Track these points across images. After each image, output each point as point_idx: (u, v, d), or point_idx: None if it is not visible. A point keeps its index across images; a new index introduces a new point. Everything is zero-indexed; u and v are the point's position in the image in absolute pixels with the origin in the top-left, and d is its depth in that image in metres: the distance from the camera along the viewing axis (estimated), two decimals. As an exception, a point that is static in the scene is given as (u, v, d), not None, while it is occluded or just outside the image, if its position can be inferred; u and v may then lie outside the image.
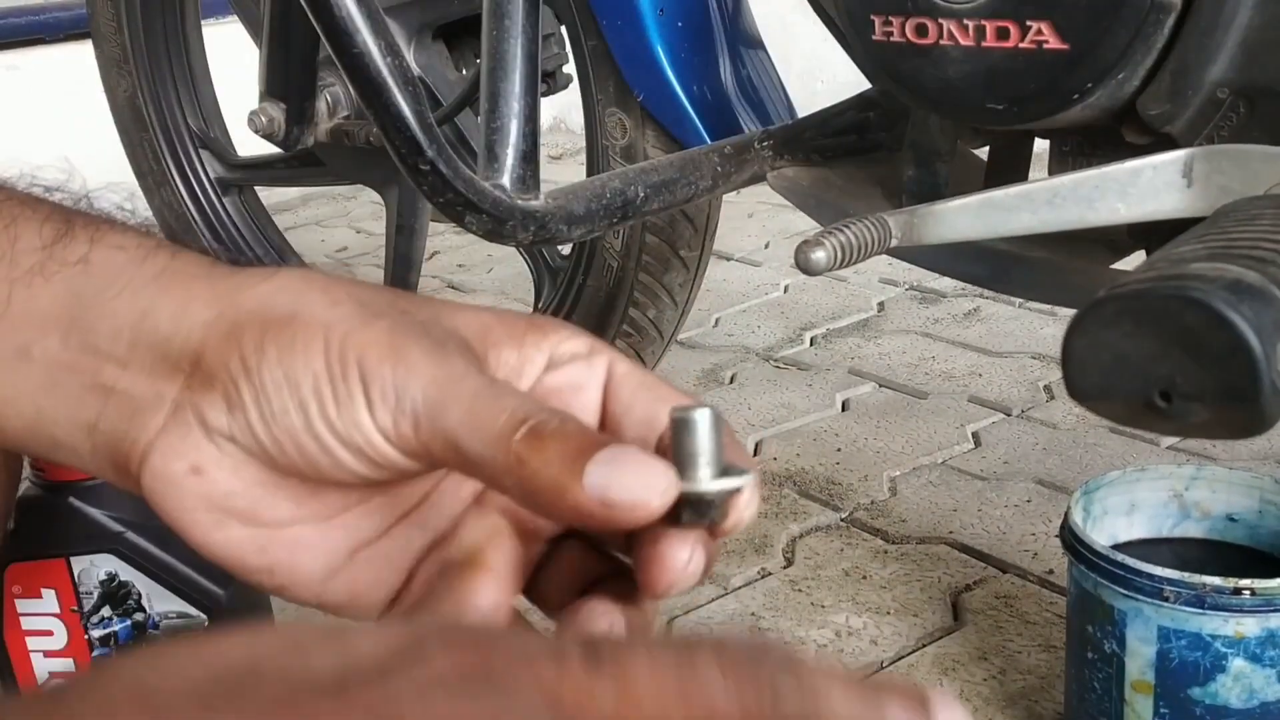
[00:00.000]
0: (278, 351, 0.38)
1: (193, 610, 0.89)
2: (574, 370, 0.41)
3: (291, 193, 2.71)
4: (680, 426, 0.36)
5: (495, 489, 0.37)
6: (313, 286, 0.40)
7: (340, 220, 2.65)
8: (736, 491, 0.37)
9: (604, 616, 0.38)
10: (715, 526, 0.37)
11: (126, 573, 0.88)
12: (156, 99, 1.65)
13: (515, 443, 0.35)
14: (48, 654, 0.90)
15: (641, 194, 1.01)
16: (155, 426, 0.40)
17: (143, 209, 1.67)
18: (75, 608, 0.88)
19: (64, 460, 0.43)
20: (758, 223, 2.41)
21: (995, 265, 0.94)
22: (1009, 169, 0.97)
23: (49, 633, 0.89)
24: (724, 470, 0.36)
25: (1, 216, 0.42)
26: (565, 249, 1.45)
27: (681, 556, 0.36)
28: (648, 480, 0.35)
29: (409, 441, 0.37)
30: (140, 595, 0.88)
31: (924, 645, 1.08)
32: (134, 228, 0.43)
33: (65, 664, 0.90)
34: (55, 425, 0.41)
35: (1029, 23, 0.76)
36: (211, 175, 1.67)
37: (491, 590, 0.38)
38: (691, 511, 0.35)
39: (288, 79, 1.36)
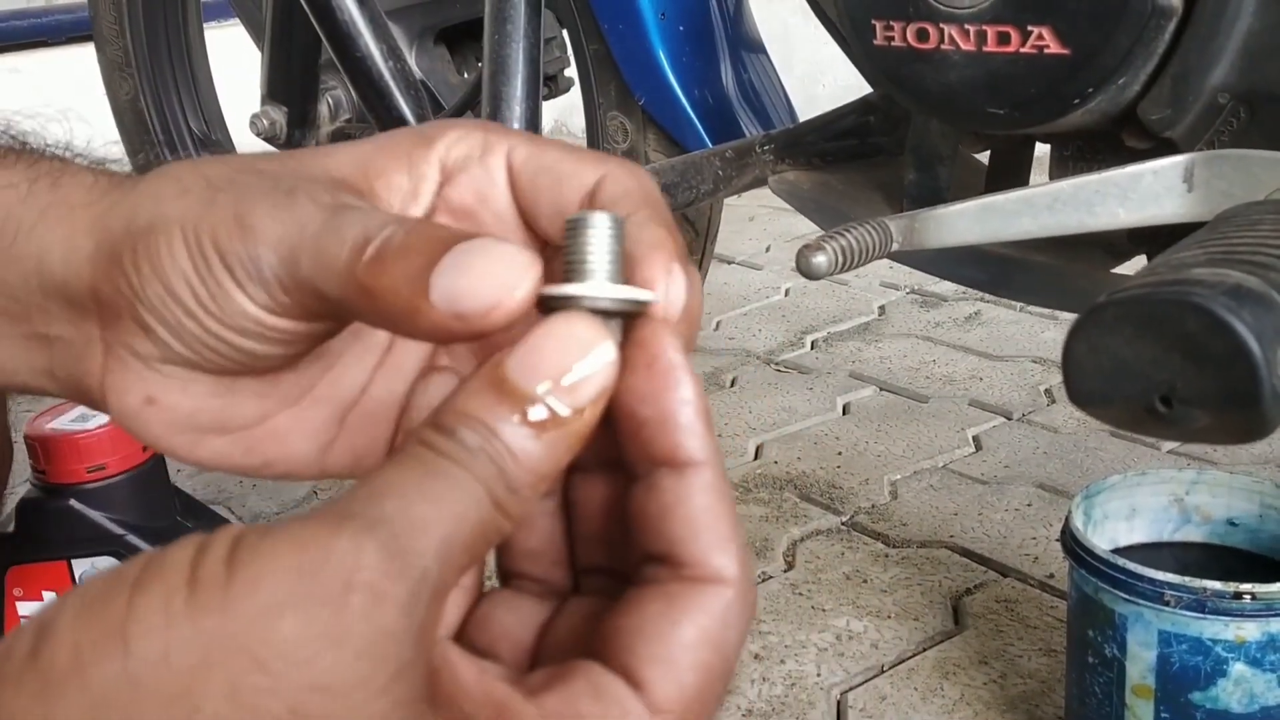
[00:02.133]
0: (149, 265, 0.36)
1: (194, 613, 0.89)
2: (472, 176, 0.37)
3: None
4: (572, 230, 0.32)
5: (370, 325, 0.35)
6: (167, 180, 0.37)
7: (341, 223, 2.65)
8: (639, 305, 0.32)
9: None
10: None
11: (127, 575, 0.88)
12: (158, 102, 1.65)
13: (359, 274, 0.32)
14: (49, 656, 0.90)
15: (643, 197, 1.01)
16: (98, 368, 0.39)
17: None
18: (76, 610, 0.88)
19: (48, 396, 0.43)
20: (759, 226, 2.42)
21: (996, 270, 0.94)
22: (1010, 173, 0.97)
23: (50, 635, 0.89)
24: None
25: None
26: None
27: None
28: (498, 274, 0.30)
29: (288, 306, 0.35)
30: (141, 598, 0.88)
31: (925, 649, 1.08)
32: (26, 155, 0.40)
33: (66, 666, 0.90)
34: (17, 374, 0.40)
35: (1030, 28, 0.76)
36: (213, 178, 1.67)
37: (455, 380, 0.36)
38: None
39: (289, 82, 1.37)
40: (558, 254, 0.33)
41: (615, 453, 0.33)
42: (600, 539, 0.35)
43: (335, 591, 0.26)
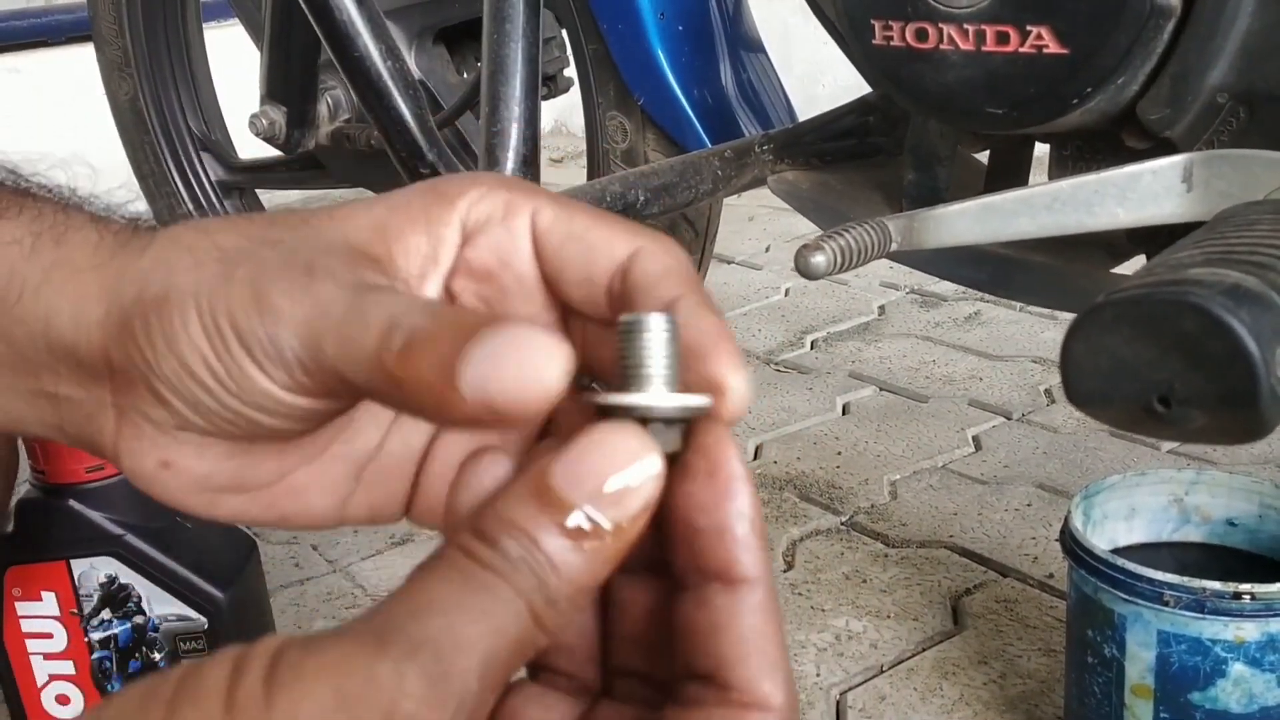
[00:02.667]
0: (164, 340, 0.35)
1: (192, 613, 0.89)
2: (493, 238, 0.36)
3: (292, 195, 2.71)
4: (627, 334, 0.31)
5: (398, 412, 0.34)
6: (179, 249, 0.36)
7: (341, 223, 2.65)
8: (693, 411, 0.31)
9: None
10: (677, 458, 0.31)
11: (126, 575, 0.88)
12: (158, 101, 1.65)
13: (387, 364, 0.31)
14: (47, 656, 0.90)
15: (642, 197, 1.01)
16: (111, 429, 0.38)
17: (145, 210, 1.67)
18: (75, 610, 0.88)
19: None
20: (758, 226, 2.42)
21: (995, 269, 0.94)
22: (1009, 173, 0.97)
23: (49, 635, 0.89)
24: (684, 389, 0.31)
25: None
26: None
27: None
28: (529, 365, 0.29)
29: (309, 387, 0.34)
30: (140, 598, 0.88)
31: (924, 649, 1.08)
32: (30, 205, 0.40)
33: (65, 666, 0.90)
34: (28, 425, 0.40)
35: (1029, 27, 0.76)
36: (213, 178, 1.68)
37: (504, 462, 0.35)
38: None
39: (289, 82, 1.37)
40: (587, 342, 0.32)
41: (661, 555, 0.32)
42: (639, 643, 0.34)
43: None
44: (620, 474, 0.29)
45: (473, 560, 0.29)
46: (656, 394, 0.31)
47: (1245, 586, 0.78)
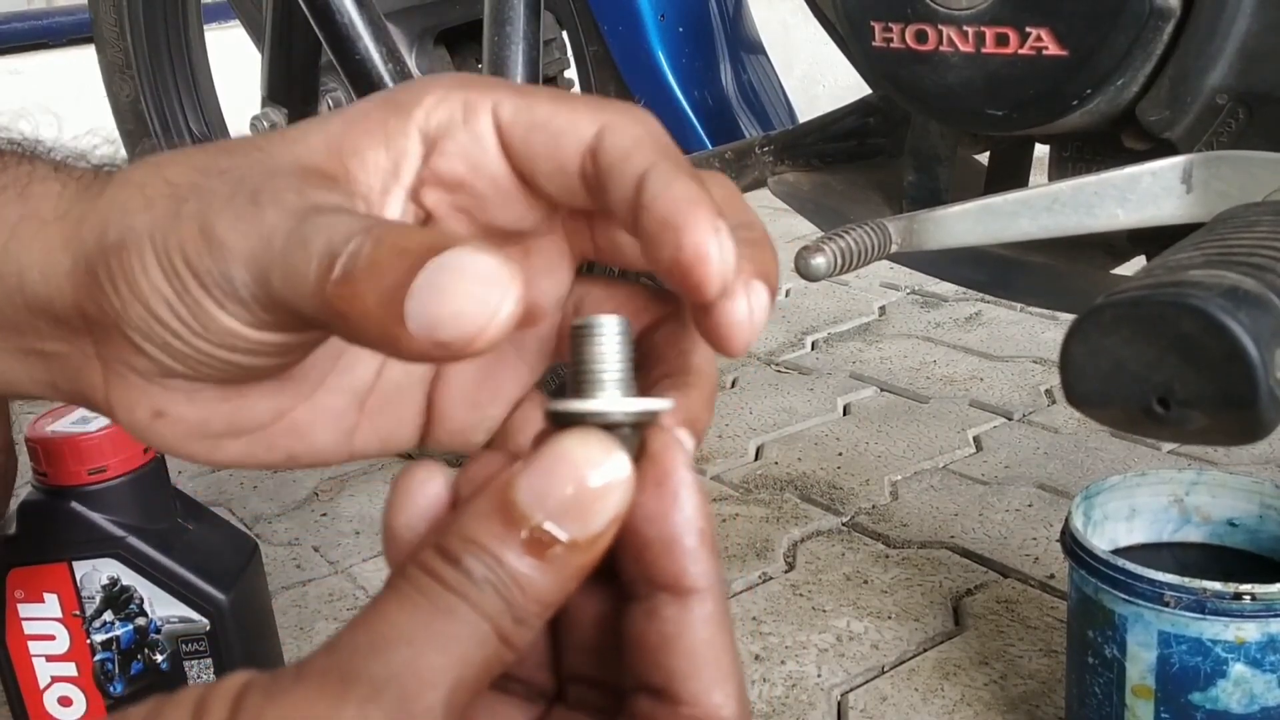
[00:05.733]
0: (127, 285, 0.33)
1: (194, 615, 0.89)
2: (458, 142, 0.34)
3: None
4: (580, 338, 0.30)
5: (353, 344, 0.32)
6: (131, 189, 0.34)
7: (342, 224, 2.65)
8: (652, 416, 0.30)
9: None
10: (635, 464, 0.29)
11: (128, 577, 0.88)
12: (159, 103, 1.66)
13: (329, 295, 0.29)
14: (49, 658, 0.90)
15: (642, 199, 1.01)
16: (100, 383, 0.37)
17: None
18: (77, 612, 0.89)
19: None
20: (759, 227, 2.42)
21: (995, 270, 0.94)
22: (1009, 174, 0.97)
23: (51, 637, 0.90)
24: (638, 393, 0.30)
25: None
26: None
27: (737, 311, 0.30)
28: (477, 297, 0.27)
29: (270, 322, 0.32)
30: (142, 599, 0.88)
31: (925, 650, 1.08)
32: None
33: (67, 668, 0.90)
34: (22, 385, 0.39)
35: (1028, 29, 0.76)
36: (214, 180, 1.68)
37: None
38: None
39: (290, 84, 1.37)
40: (578, 240, 0.30)
41: (609, 564, 0.31)
42: (590, 650, 0.33)
43: None
44: (586, 485, 0.28)
45: (436, 581, 0.28)
46: (610, 399, 0.30)
47: (1246, 587, 0.78)
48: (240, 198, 0.32)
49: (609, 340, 0.30)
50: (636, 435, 0.30)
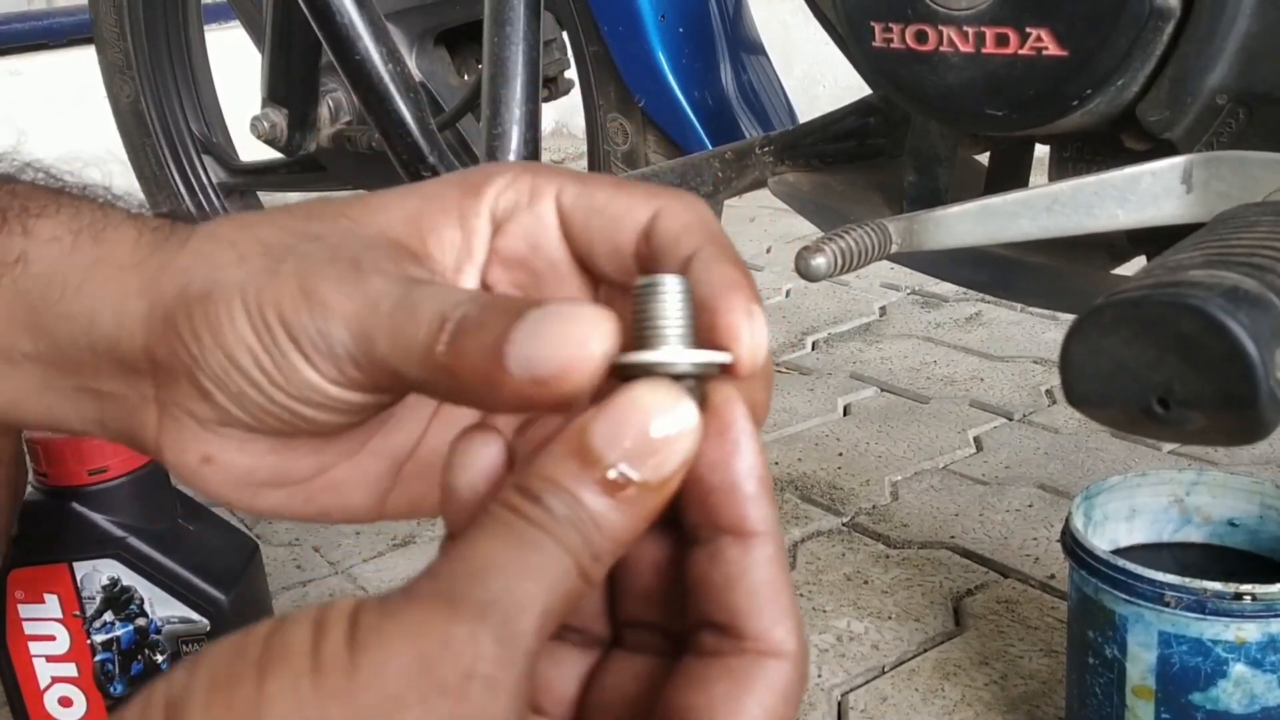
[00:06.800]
0: (210, 334, 0.35)
1: (195, 615, 0.89)
2: (522, 224, 0.37)
3: (293, 198, 2.72)
4: (643, 295, 0.31)
5: (449, 403, 0.35)
6: (220, 244, 0.37)
7: (343, 225, 2.65)
8: (715, 367, 0.32)
9: None
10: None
11: (129, 578, 0.88)
12: (159, 104, 1.66)
13: (439, 355, 0.32)
14: (50, 659, 0.90)
15: (642, 199, 1.01)
16: (153, 425, 0.39)
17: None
18: (78, 612, 0.89)
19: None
20: (759, 227, 2.42)
21: (996, 271, 0.94)
22: (1009, 175, 0.97)
23: (51, 637, 0.90)
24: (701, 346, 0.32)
25: None
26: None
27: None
28: (572, 334, 0.30)
29: (359, 381, 0.35)
30: (142, 600, 0.88)
31: (925, 650, 1.08)
32: (67, 203, 0.40)
33: (68, 668, 0.90)
34: (67, 421, 0.41)
35: (1028, 29, 0.76)
36: (214, 180, 1.68)
37: (494, 441, 0.35)
38: None
39: (290, 84, 1.37)
40: (625, 310, 0.33)
41: (670, 511, 0.32)
42: (650, 596, 0.35)
43: (456, 682, 0.27)
44: (658, 430, 0.30)
45: (521, 518, 0.29)
46: (674, 351, 0.31)
47: (1246, 587, 0.78)
48: (341, 263, 0.35)
49: (671, 297, 0.31)
50: (699, 387, 0.31)
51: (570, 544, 0.29)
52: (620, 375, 0.31)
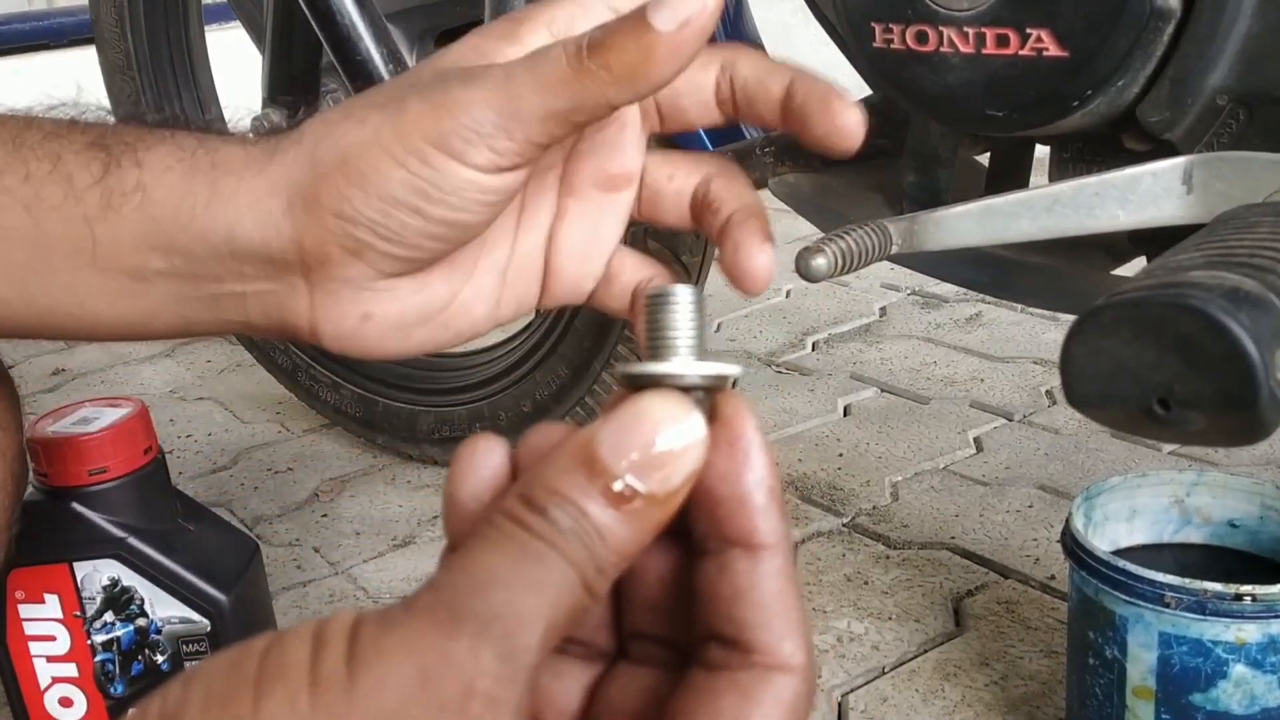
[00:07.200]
0: (359, 189, 0.40)
1: (195, 615, 0.89)
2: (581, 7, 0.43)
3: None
4: (654, 306, 0.32)
5: (614, 112, 0.39)
6: (331, 123, 0.41)
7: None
8: (723, 380, 0.32)
9: None
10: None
11: (129, 578, 0.88)
12: (160, 104, 1.65)
13: (588, 63, 0.37)
14: (50, 659, 0.90)
15: (643, 200, 1.01)
16: (307, 306, 0.43)
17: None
18: (78, 613, 0.89)
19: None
20: (760, 227, 2.41)
21: (996, 271, 0.94)
22: (1010, 176, 0.97)
23: (51, 638, 0.90)
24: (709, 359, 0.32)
25: (47, 155, 0.43)
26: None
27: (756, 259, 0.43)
28: None
29: (513, 154, 0.39)
30: (143, 600, 0.88)
31: (925, 651, 1.08)
32: (167, 137, 0.44)
33: (68, 669, 0.90)
34: (205, 326, 0.45)
35: (1029, 30, 0.76)
36: (214, 180, 1.68)
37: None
38: None
39: (291, 84, 1.37)
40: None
41: (678, 523, 0.32)
42: (657, 608, 0.35)
43: (456, 699, 0.27)
44: (665, 442, 0.30)
45: (524, 530, 0.29)
46: (684, 363, 0.31)
47: (1246, 588, 0.78)
48: (457, 74, 0.40)
49: (682, 308, 0.32)
50: (709, 398, 0.32)
51: (574, 557, 0.29)
52: (631, 385, 0.31)
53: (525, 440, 0.35)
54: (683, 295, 0.32)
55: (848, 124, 0.41)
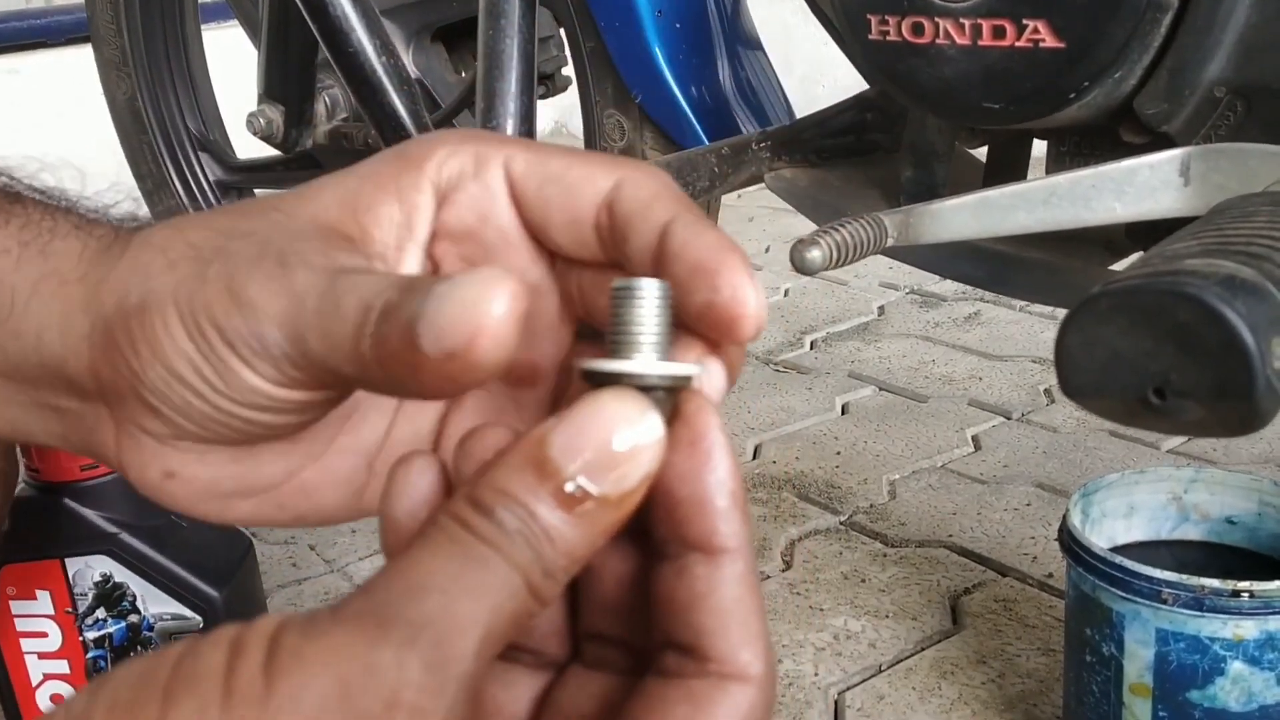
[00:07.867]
0: (148, 347, 0.34)
1: (188, 612, 0.88)
2: (469, 194, 0.35)
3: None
4: (619, 299, 0.30)
5: (387, 396, 0.34)
6: (153, 251, 0.35)
7: (341, 224, 2.65)
8: (686, 380, 0.30)
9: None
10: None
11: (121, 574, 0.87)
12: (156, 102, 1.65)
13: (364, 352, 0.30)
14: (42, 655, 0.89)
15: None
16: (112, 442, 0.37)
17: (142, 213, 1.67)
18: (70, 609, 0.88)
19: None
20: (758, 227, 2.41)
21: (992, 266, 0.94)
22: (1007, 169, 0.97)
23: (43, 634, 0.89)
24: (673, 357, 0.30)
25: None
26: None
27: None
28: (471, 298, 0.28)
29: (301, 380, 0.33)
30: (135, 597, 0.88)
31: (923, 649, 1.07)
32: (19, 212, 0.39)
33: (60, 665, 0.89)
34: (33, 435, 0.40)
35: (1025, 21, 0.75)
36: (211, 178, 1.67)
37: (504, 433, 0.33)
38: None
39: (286, 81, 1.36)
40: (579, 283, 0.31)
41: (638, 523, 0.30)
42: (615, 609, 0.33)
43: (378, 712, 0.25)
44: (620, 442, 0.28)
45: (468, 531, 0.28)
46: (647, 361, 0.30)
47: (1244, 584, 0.78)
48: (268, 260, 0.33)
49: (648, 303, 0.30)
50: (670, 398, 0.30)
51: (520, 560, 0.28)
52: (590, 382, 0.30)
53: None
54: (649, 289, 0.30)
55: (739, 300, 0.31)
